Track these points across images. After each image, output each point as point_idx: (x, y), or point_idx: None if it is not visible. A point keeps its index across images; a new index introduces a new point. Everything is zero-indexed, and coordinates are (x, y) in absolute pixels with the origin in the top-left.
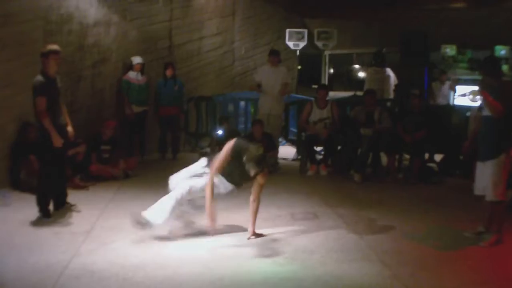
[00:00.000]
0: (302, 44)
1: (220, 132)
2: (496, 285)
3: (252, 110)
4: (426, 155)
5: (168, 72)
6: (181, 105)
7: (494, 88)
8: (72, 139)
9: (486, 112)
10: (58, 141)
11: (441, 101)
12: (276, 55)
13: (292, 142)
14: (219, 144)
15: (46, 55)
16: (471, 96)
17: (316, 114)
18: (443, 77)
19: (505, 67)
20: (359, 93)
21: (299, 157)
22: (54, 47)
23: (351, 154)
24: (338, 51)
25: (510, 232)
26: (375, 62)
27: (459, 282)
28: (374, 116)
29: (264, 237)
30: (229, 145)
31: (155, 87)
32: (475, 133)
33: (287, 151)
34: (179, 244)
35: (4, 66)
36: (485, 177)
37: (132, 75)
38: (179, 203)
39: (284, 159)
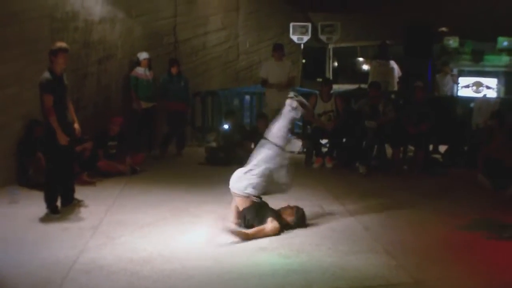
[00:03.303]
0: (306, 38)
1: (226, 126)
2: (502, 276)
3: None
4: (431, 146)
5: (173, 70)
6: (187, 101)
7: None
8: (79, 136)
9: None
10: (63, 139)
11: (445, 91)
12: (280, 49)
13: (297, 135)
14: (225, 138)
15: (55, 53)
16: (474, 87)
17: (320, 107)
18: (446, 68)
19: (507, 58)
20: (364, 85)
21: (305, 149)
22: (63, 44)
23: (356, 147)
24: (342, 44)
25: None
26: (379, 55)
27: (465, 272)
28: (378, 109)
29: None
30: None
31: (161, 83)
32: None
33: (293, 144)
34: (187, 238)
35: (10, 64)
36: None
37: (140, 70)
38: None
39: (290, 152)
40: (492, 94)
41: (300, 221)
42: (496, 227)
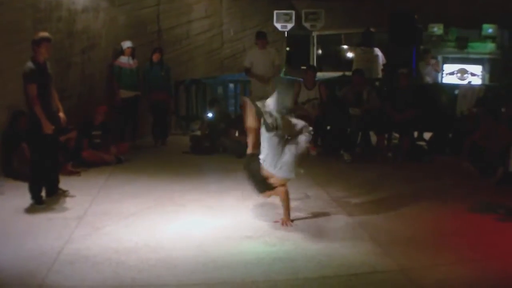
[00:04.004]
0: (290, 26)
1: (210, 114)
2: (491, 262)
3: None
4: (416, 134)
5: (155, 57)
6: (168, 90)
7: None
8: (64, 125)
9: None
10: (48, 128)
11: (428, 80)
12: (263, 37)
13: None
14: (209, 126)
15: (38, 42)
16: (459, 74)
17: (304, 94)
18: (428, 56)
19: (492, 45)
20: (348, 73)
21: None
22: (46, 34)
23: (340, 134)
24: (326, 32)
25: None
26: (363, 42)
27: (453, 259)
28: (362, 96)
29: (256, 218)
30: None
31: (143, 72)
32: None
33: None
34: (171, 227)
35: None
36: None
37: (123, 59)
38: None
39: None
40: (477, 81)
41: None
42: (487, 208)
